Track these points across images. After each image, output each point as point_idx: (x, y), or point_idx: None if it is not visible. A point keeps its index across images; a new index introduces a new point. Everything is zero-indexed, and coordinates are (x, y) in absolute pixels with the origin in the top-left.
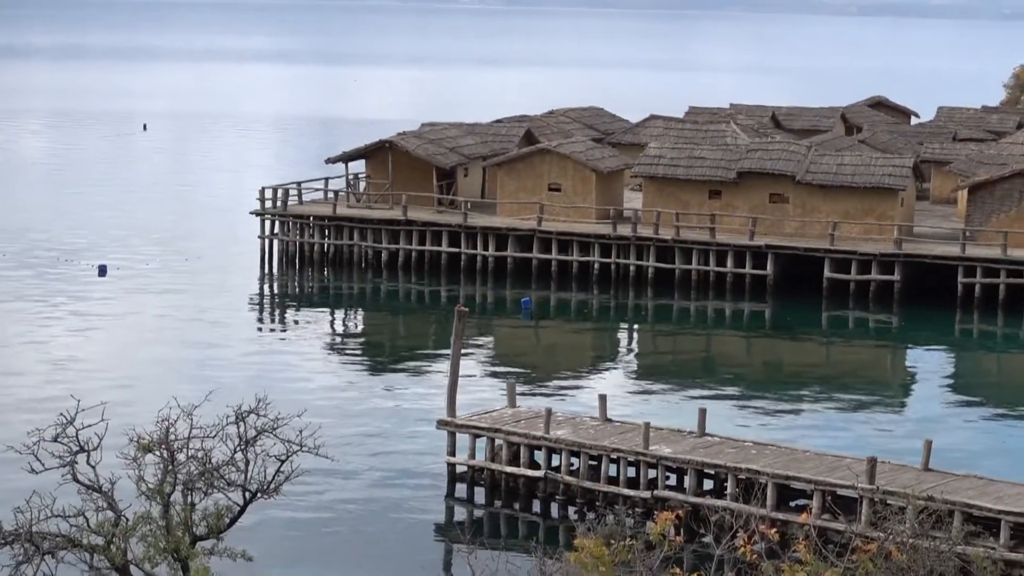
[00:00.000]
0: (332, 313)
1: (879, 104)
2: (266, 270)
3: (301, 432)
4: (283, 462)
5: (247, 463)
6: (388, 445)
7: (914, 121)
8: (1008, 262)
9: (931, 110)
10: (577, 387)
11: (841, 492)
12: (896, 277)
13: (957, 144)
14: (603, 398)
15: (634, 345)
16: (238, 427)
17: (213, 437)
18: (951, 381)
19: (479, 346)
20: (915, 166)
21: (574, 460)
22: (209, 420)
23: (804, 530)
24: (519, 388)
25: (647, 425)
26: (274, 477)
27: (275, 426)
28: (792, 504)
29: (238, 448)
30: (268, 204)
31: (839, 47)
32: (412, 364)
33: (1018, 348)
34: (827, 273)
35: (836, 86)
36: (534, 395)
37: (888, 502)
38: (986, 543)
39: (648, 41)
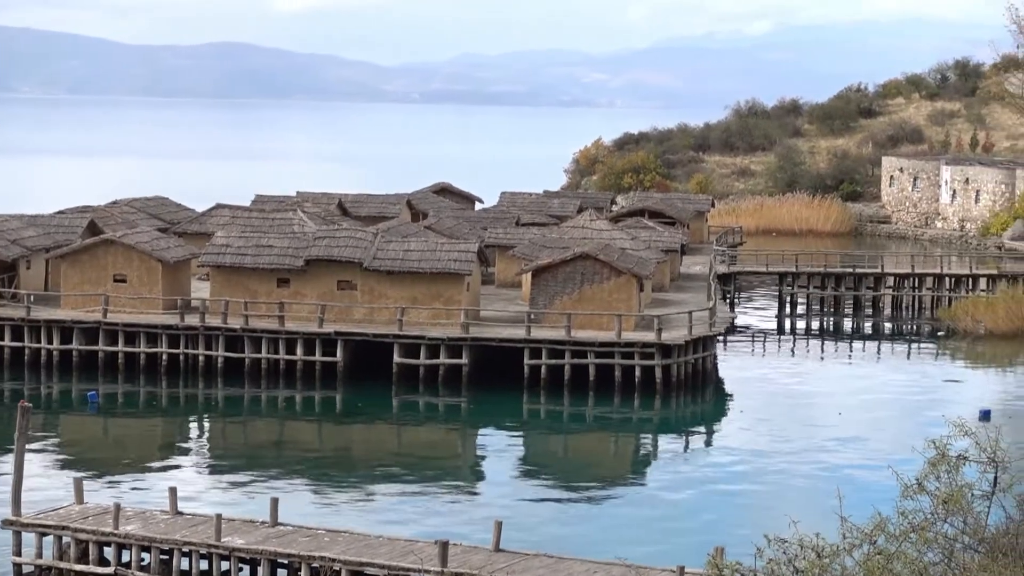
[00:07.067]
0: None
1: (444, 190)
2: None
3: None
4: None
5: None
6: None
7: (478, 207)
8: (572, 343)
9: (494, 196)
10: (147, 481)
11: None
12: (464, 360)
13: (520, 228)
14: (173, 491)
15: (205, 436)
16: None
17: None
18: (520, 461)
19: (45, 442)
20: (480, 251)
21: (145, 555)
22: None
23: None
24: (87, 484)
25: (219, 516)
26: None
27: None
28: None
29: None
30: None
31: (404, 134)
32: None
33: (584, 427)
34: (396, 358)
35: (401, 173)
36: (103, 490)
37: None
38: None
39: (212, 130)
